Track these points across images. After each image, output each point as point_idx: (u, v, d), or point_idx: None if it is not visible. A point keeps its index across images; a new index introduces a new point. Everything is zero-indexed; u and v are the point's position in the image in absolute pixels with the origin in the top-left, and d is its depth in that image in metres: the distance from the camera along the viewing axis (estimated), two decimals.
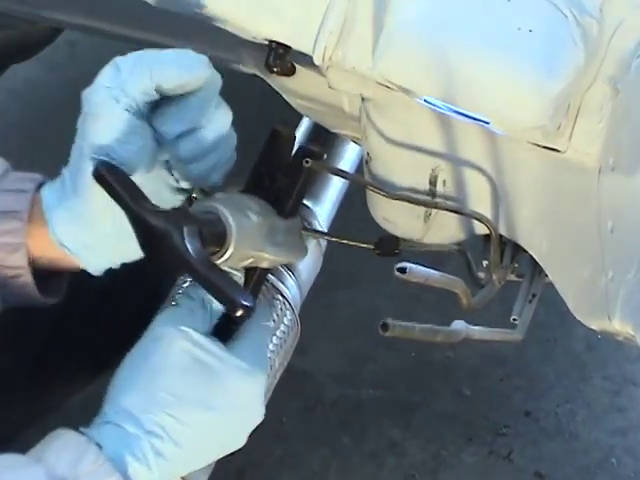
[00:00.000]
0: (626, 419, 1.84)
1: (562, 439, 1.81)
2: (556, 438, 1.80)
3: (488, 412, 1.84)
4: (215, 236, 0.84)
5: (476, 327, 0.96)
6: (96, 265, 0.90)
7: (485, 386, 1.88)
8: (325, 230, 1.25)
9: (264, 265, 0.93)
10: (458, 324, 0.95)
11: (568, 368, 1.92)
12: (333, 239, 1.02)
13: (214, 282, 0.80)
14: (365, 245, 0.95)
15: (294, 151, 0.95)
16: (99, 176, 0.81)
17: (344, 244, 0.99)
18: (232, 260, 0.87)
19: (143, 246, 0.82)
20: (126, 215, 0.81)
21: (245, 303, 0.80)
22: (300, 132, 1.30)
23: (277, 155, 0.94)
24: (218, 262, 0.85)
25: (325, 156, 0.96)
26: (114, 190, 0.81)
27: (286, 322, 1.08)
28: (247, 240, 0.87)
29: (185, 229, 0.80)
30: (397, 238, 0.91)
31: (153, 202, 0.82)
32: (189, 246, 0.79)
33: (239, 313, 0.80)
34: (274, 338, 1.06)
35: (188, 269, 0.81)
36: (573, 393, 1.87)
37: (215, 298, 0.83)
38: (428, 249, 0.98)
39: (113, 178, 0.81)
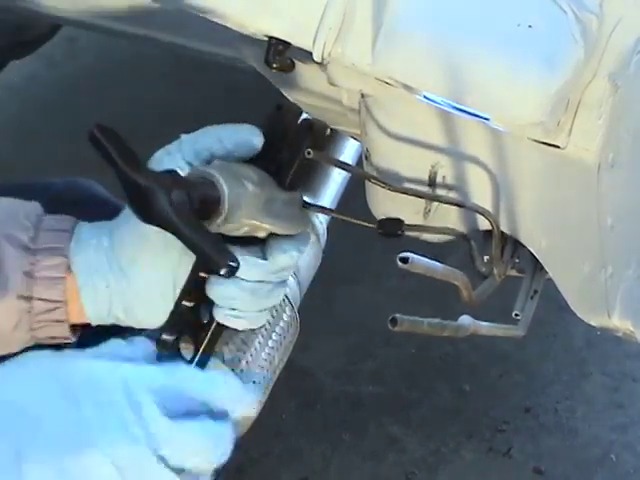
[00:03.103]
0: (626, 415, 1.84)
1: (562, 435, 1.81)
2: (556, 434, 1.81)
3: (488, 408, 1.84)
4: (208, 202, 0.85)
5: (482, 322, 0.96)
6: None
7: (485, 382, 1.89)
8: (325, 227, 1.25)
9: (261, 235, 0.92)
10: (465, 319, 0.94)
11: (568, 364, 1.92)
12: (335, 215, 1.02)
13: (197, 242, 0.82)
14: (368, 224, 0.94)
15: (298, 123, 0.95)
16: (93, 138, 0.82)
17: (346, 222, 0.97)
18: (226, 227, 0.87)
19: (132, 205, 0.83)
20: (117, 177, 0.82)
21: (230, 263, 0.81)
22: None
23: (281, 128, 0.94)
24: (210, 228, 0.86)
25: (328, 130, 0.95)
26: (106, 152, 0.81)
27: (285, 318, 1.08)
28: (242, 208, 0.87)
29: (173, 191, 0.80)
30: (401, 220, 0.91)
31: None
32: (175, 207, 0.80)
33: (223, 272, 0.81)
34: (273, 334, 1.06)
35: (173, 229, 0.81)
36: (573, 389, 1.88)
37: (199, 258, 0.84)
38: (432, 232, 0.98)
39: (107, 140, 0.81)
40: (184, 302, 0.91)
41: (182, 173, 0.86)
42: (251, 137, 0.90)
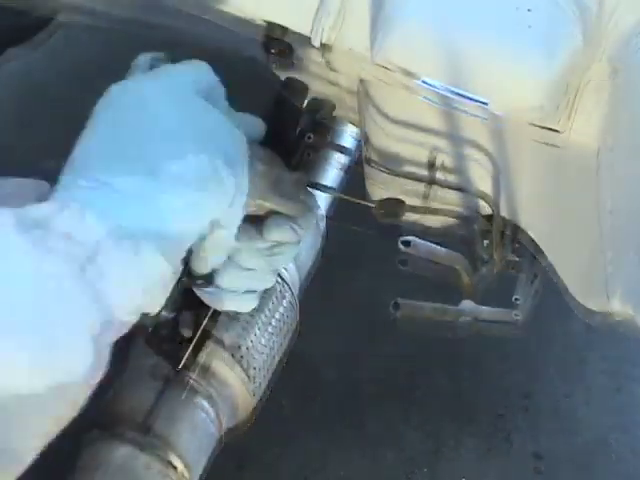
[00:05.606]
0: (624, 399, 1.85)
1: (561, 419, 1.81)
2: (555, 419, 1.81)
3: (487, 395, 1.85)
4: None
5: (482, 307, 0.96)
6: None
7: (484, 369, 1.89)
8: (325, 215, 1.25)
9: (261, 213, 0.93)
10: (466, 304, 0.95)
11: (567, 349, 1.92)
12: (337, 195, 1.02)
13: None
14: (368, 203, 0.94)
15: (305, 103, 0.95)
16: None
17: (344, 208, 0.98)
18: None
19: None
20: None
21: None
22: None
23: (288, 107, 0.94)
24: None
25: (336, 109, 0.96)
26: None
27: (285, 304, 1.09)
28: (250, 187, 0.88)
29: None
30: (401, 200, 0.91)
31: None
32: None
33: None
34: (273, 320, 1.06)
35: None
36: (572, 374, 1.88)
37: None
38: (432, 214, 0.98)
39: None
40: (183, 279, 0.90)
41: None
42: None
